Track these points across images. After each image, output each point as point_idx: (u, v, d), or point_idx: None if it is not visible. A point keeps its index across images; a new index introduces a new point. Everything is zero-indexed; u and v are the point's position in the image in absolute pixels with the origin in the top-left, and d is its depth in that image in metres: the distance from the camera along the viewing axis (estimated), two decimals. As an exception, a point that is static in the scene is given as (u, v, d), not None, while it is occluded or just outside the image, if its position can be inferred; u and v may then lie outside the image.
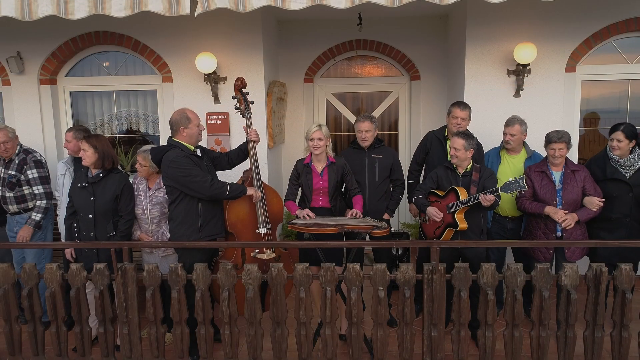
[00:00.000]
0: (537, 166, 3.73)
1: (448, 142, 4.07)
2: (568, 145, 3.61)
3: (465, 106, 4.00)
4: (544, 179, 3.65)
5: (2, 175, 4.01)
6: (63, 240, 3.88)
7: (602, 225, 3.65)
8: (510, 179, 3.38)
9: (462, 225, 3.51)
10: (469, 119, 4.05)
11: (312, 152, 3.61)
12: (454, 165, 3.67)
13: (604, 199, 3.53)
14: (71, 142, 3.92)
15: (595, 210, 3.51)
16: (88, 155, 3.44)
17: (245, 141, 3.68)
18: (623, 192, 3.58)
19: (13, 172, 3.98)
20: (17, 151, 4.04)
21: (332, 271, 2.80)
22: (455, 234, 3.58)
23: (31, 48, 4.96)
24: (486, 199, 3.38)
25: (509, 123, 3.89)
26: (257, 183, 3.58)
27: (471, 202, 3.45)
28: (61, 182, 3.94)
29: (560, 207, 3.58)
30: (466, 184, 3.61)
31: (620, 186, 3.59)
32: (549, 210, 3.56)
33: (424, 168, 4.32)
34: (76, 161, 3.93)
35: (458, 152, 3.57)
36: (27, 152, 4.08)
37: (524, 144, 3.98)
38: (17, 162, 4.01)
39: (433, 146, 4.18)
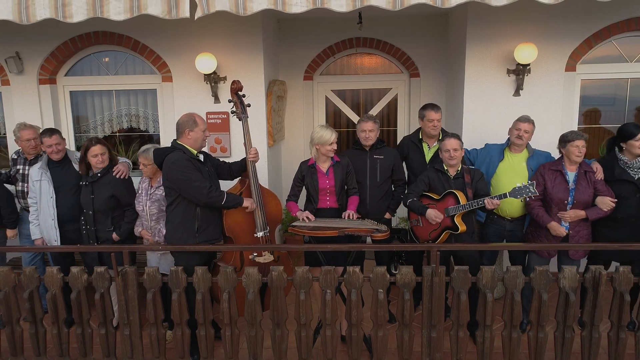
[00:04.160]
0: (552, 164, 3.71)
1: (424, 144, 4.16)
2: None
3: (438, 108, 4.07)
4: (558, 177, 3.63)
5: (27, 173, 4.10)
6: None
7: (608, 224, 3.64)
8: (519, 185, 3.37)
9: (462, 228, 3.52)
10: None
11: (323, 155, 3.62)
12: (445, 168, 3.67)
13: (616, 199, 3.52)
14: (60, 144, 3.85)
15: (606, 210, 3.50)
16: (105, 159, 3.68)
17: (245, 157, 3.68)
18: (630, 193, 3.57)
19: None
20: (41, 151, 4.12)
21: (332, 274, 2.82)
22: (450, 235, 3.60)
23: (30, 48, 4.94)
24: (492, 204, 3.37)
25: (522, 119, 3.86)
26: (255, 192, 3.56)
27: (474, 206, 3.44)
28: (37, 187, 3.85)
29: (571, 206, 3.58)
30: (460, 186, 3.61)
31: (628, 187, 3.58)
32: (551, 226, 3.58)
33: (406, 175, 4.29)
34: (51, 165, 3.87)
35: (456, 153, 3.57)
36: None
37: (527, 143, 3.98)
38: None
39: (410, 151, 4.21)
